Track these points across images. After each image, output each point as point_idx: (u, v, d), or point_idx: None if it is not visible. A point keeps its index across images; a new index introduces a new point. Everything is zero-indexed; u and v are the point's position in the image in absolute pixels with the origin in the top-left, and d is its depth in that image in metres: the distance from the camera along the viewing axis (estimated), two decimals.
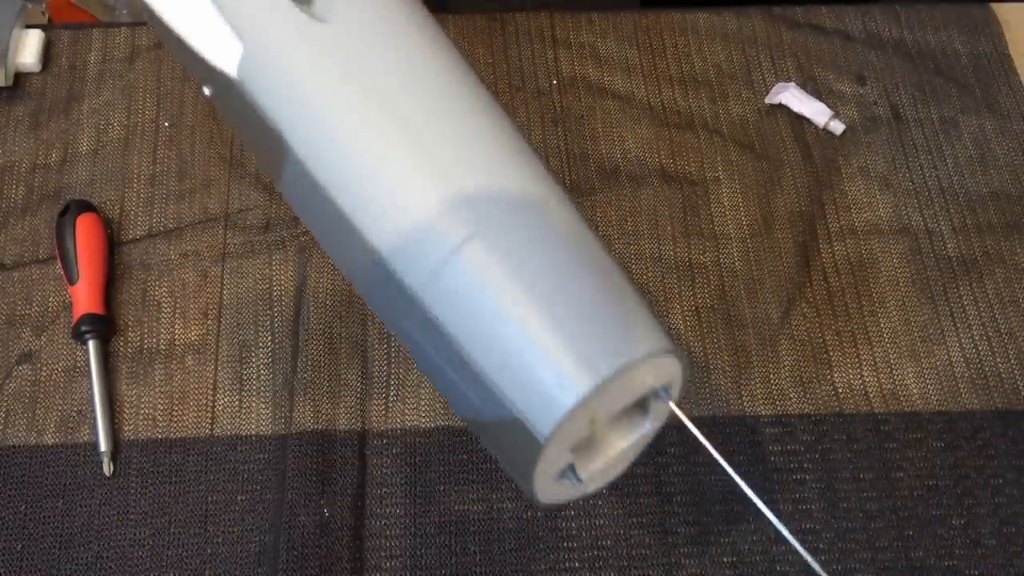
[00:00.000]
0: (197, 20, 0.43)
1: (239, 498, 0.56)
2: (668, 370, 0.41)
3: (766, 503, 0.57)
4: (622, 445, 0.44)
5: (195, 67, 0.45)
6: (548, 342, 0.38)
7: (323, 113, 0.41)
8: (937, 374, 0.61)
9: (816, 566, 0.42)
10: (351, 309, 0.62)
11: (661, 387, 0.42)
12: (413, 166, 0.40)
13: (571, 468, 0.41)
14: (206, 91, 0.46)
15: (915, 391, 0.61)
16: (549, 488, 0.42)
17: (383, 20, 0.43)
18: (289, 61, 0.41)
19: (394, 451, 0.58)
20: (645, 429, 0.44)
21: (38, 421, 0.58)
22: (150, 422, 0.58)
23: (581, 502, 0.57)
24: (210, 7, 0.42)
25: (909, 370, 0.61)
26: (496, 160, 0.42)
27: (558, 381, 0.38)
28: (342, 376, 0.60)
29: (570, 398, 0.38)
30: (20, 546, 0.55)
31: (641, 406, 0.43)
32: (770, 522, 0.56)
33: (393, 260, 0.40)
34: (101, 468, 0.57)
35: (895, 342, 0.62)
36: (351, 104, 0.41)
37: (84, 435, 0.58)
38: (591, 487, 0.43)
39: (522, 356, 0.39)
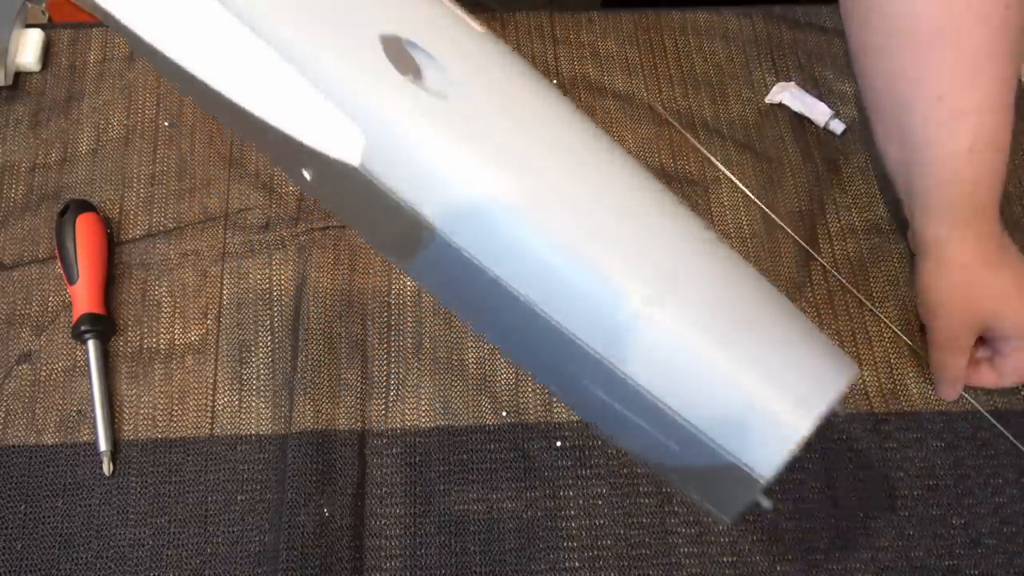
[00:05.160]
0: (307, 114, 0.41)
1: (239, 498, 0.56)
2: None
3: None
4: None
5: (293, 156, 0.43)
6: (756, 387, 0.38)
7: (469, 192, 0.40)
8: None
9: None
10: (351, 309, 0.62)
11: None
12: (581, 233, 0.39)
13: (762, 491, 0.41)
14: (306, 175, 0.44)
15: (915, 391, 0.61)
16: None
17: (498, 85, 0.41)
18: (419, 144, 0.40)
19: (394, 451, 0.58)
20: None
21: (38, 421, 0.58)
22: (150, 422, 0.58)
23: (581, 502, 0.57)
24: (323, 101, 0.40)
25: (909, 370, 0.61)
26: (655, 212, 0.40)
27: (775, 425, 0.38)
28: (342, 376, 0.60)
29: (791, 441, 0.37)
30: (20, 546, 0.55)
31: None
32: (768, 522, 0.56)
33: (574, 325, 0.39)
34: (101, 468, 0.57)
35: (895, 342, 0.62)
36: (495, 178, 0.39)
37: (84, 435, 0.58)
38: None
39: (731, 404, 0.38)
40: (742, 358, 0.38)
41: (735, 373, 0.38)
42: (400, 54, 0.40)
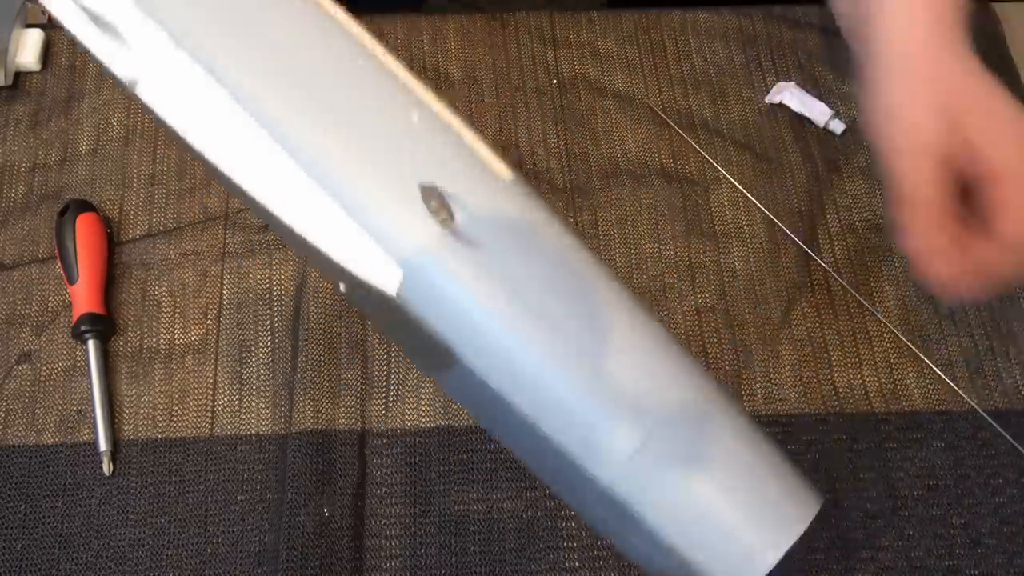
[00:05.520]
0: (347, 242, 0.45)
1: (239, 498, 0.56)
2: None
3: None
4: None
5: (330, 269, 0.47)
6: (732, 522, 0.43)
7: (496, 333, 0.44)
8: (937, 374, 0.61)
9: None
10: (351, 309, 0.62)
11: None
12: (589, 376, 0.44)
13: None
14: (341, 287, 0.48)
15: (915, 391, 0.61)
16: None
17: (529, 237, 0.46)
18: (453, 287, 0.44)
19: (394, 451, 0.58)
20: None
21: (38, 421, 0.58)
22: (150, 422, 0.58)
23: None
24: (368, 238, 0.45)
25: (909, 370, 0.61)
26: (655, 355, 0.45)
27: (747, 556, 0.43)
28: (342, 376, 0.60)
29: (760, 571, 0.43)
30: (20, 546, 0.55)
31: None
32: None
33: (576, 457, 0.44)
34: (101, 468, 0.57)
35: (895, 342, 0.62)
36: (521, 323, 0.44)
37: (84, 435, 0.58)
38: None
39: (710, 531, 0.43)
40: (720, 493, 0.44)
41: (715, 508, 0.44)
42: (437, 201, 0.45)
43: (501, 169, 0.47)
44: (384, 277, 0.46)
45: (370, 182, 0.45)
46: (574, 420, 0.44)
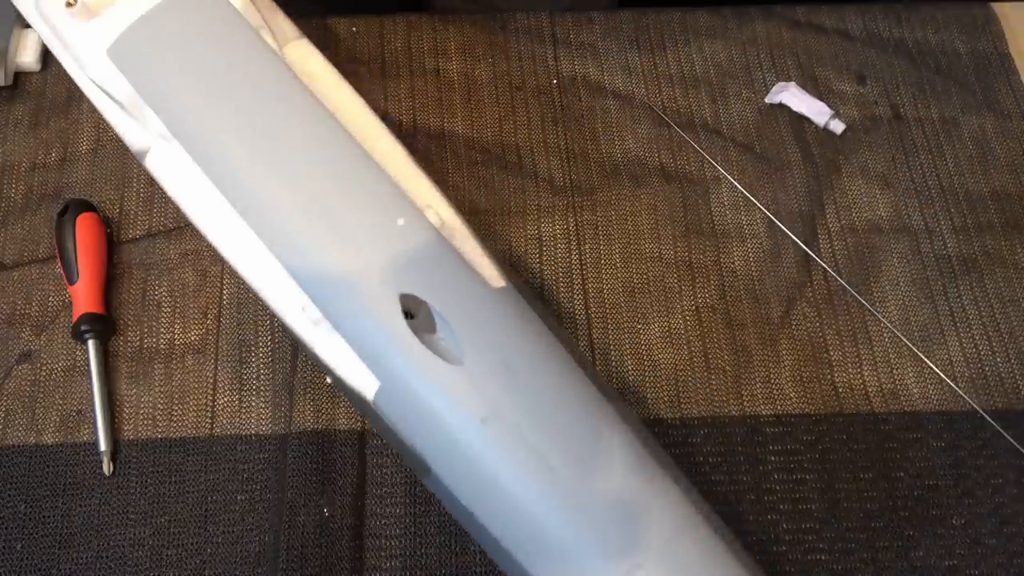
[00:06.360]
0: (331, 345, 0.46)
1: (239, 498, 0.56)
2: None
3: (766, 503, 0.57)
4: None
5: (317, 360, 0.48)
6: None
7: (463, 449, 0.44)
8: (937, 374, 0.61)
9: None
10: None
11: None
12: (570, 511, 0.43)
13: None
14: (327, 379, 0.50)
15: (915, 391, 0.61)
16: None
17: (510, 359, 0.45)
18: (428, 401, 0.44)
19: (394, 451, 0.58)
20: None
21: (38, 421, 0.58)
22: (150, 422, 0.58)
23: None
24: (345, 345, 0.46)
25: (909, 370, 0.61)
26: (641, 478, 0.45)
27: None
28: None
29: None
30: (20, 545, 0.55)
31: None
32: (768, 522, 0.56)
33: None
34: (101, 468, 0.57)
35: (895, 342, 0.62)
36: (495, 445, 0.44)
37: (84, 435, 0.58)
38: None
39: None
40: None
41: None
42: (417, 312, 0.45)
43: (493, 276, 0.47)
44: (362, 383, 0.46)
45: (350, 287, 0.45)
46: (548, 553, 0.44)
